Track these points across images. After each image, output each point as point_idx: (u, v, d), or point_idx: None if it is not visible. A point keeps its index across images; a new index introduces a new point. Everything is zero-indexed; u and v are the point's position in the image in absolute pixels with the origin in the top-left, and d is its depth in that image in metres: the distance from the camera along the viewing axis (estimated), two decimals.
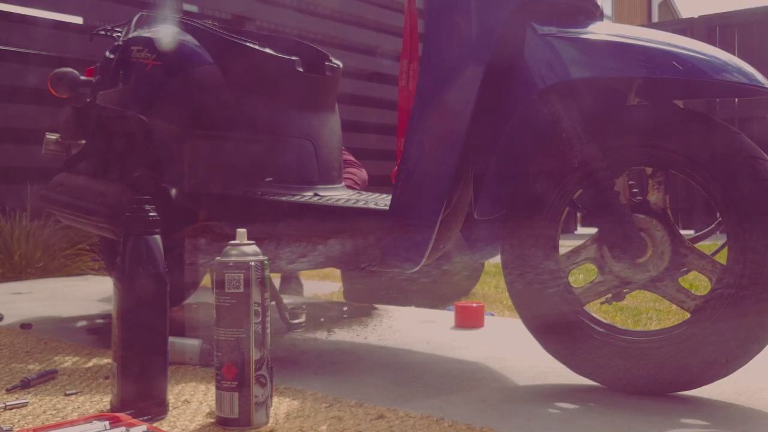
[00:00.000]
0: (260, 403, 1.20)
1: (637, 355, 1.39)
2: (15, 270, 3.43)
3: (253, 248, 1.23)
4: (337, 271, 3.60)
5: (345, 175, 2.55)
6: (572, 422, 1.25)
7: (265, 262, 1.22)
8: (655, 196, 1.42)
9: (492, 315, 2.45)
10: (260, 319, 1.20)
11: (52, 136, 2.33)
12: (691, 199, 7.28)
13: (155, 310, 1.25)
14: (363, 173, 2.85)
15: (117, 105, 2.03)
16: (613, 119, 1.45)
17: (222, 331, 1.19)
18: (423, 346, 1.89)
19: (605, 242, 1.43)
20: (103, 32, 2.39)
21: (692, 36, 7.33)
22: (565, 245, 1.49)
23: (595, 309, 2.53)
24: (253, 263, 1.20)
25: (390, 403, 1.35)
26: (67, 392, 1.39)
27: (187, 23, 2.09)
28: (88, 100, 2.21)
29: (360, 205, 1.74)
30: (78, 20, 4.60)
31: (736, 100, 7.16)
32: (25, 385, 1.42)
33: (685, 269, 1.40)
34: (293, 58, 2.03)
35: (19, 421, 1.22)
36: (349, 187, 2.30)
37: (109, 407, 1.27)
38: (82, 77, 2.28)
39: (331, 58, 2.18)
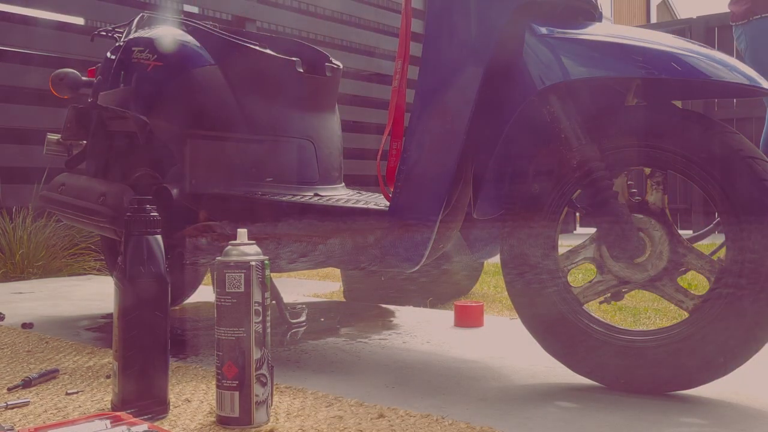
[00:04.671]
0: (261, 402, 1.21)
1: (635, 354, 1.40)
2: (17, 270, 3.44)
3: (254, 248, 1.23)
4: (337, 271, 3.60)
5: None
6: (571, 421, 1.26)
7: (266, 261, 1.23)
8: (653, 196, 1.43)
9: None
10: (261, 318, 1.21)
11: (53, 137, 2.33)
12: (689, 199, 7.29)
13: (156, 309, 1.26)
14: None
15: (118, 105, 2.03)
16: (611, 120, 1.45)
17: (223, 330, 1.20)
18: (423, 346, 1.89)
19: (604, 242, 1.44)
20: (104, 33, 2.39)
21: (691, 36, 7.33)
22: (564, 245, 1.50)
23: (594, 308, 2.53)
24: (253, 263, 1.21)
25: (390, 402, 1.36)
26: (69, 391, 1.39)
27: (187, 24, 2.10)
28: (89, 100, 2.22)
29: (360, 205, 1.75)
30: (79, 21, 4.61)
31: (735, 100, 7.17)
32: (27, 384, 1.43)
33: (683, 269, 1.41)
34: (294, 58, 2.04)
35: (20, 420, 1.22)
36: None
37: (110, 406, 1.28)
38: (84, 78, 2.29)
39: (331, 58, 2.19)
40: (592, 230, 1.48)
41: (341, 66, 2.21)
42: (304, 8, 6.12)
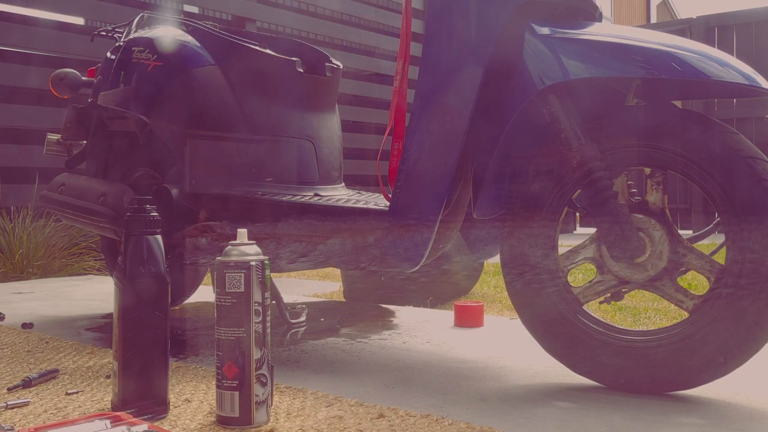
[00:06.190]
0: (261, 402, 1.21)
1: (635, 354, 1.40)
2: (16, 269, 3.44)
3: (254, 248, 1.23)
4: (337, 271, 3.60)
5: None
6: (571, 421, 1.26)
7: (266, 261, 1.23)
8: (653, 196, 1.43)
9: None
10: (261, 318, 1.21)
11: (53, 137, 2.34)
12: (689, 199, 7.29)
13: (156, 309, 1.26)
14: None
15: (118, 105, 2.03)
16: (611, 120, 1.45)
17: (222, 330, 1.20)
18: (423, 346, 1.89)
19: (604, 242, 1.44)
20: (104, 33, 2.39)
21: (691, 36, 7.33)
22: (564, 245, 1.50)
23: (594, 308, 2.53)
24: (253, 263, 1.21)
25: (390, 402, 1.36)
26: (69, 391, 1.39)
27: (187, 24, 2.10)
28: (89, 100, 2.22)
29: (360, 205, 1.75)
30: (79, 21, 4.61)
31: (734, 100, 7.17)
32: (27, 384, 1.43)
33: (683, 269, 1.41)
34: (294, 58, 2.04)
35: (20, 420, 1.22)
36: None
37: (110, 406, 1.28)
38: (84, 78, 2.29)
39: (331, 58, 2.19)
40: (592, 230, 1.48)
41: (341, 66, 2.21)
42: (304, 8, 6.12)
